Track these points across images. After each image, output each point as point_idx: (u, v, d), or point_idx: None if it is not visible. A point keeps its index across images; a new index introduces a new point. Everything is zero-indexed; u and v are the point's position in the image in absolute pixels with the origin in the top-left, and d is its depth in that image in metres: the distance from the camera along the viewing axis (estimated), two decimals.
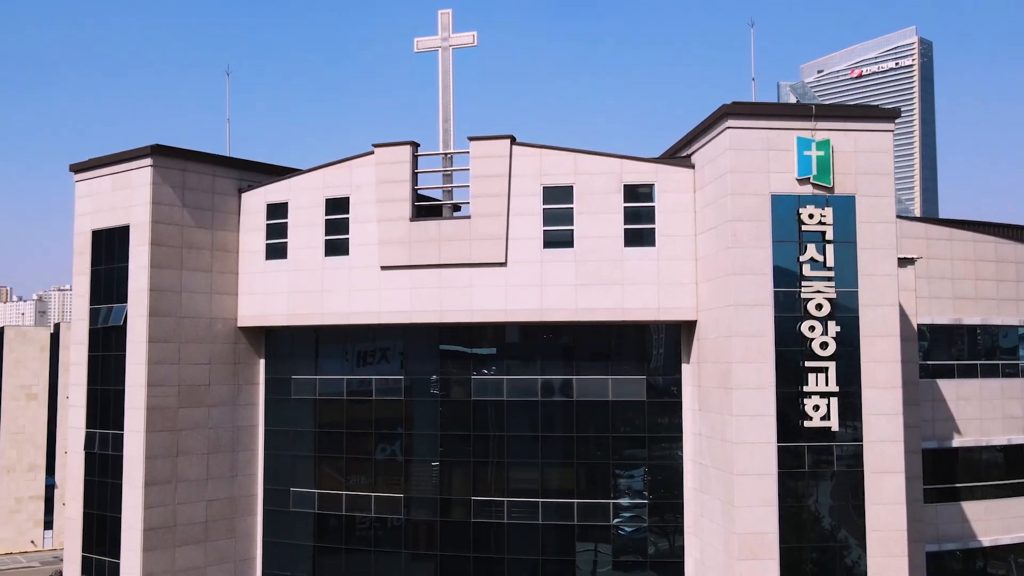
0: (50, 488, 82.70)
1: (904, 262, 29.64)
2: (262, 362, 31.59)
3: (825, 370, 23.97)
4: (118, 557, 28.69)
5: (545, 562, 28.04)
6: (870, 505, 23.89)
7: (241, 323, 30.82)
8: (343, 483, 30.04)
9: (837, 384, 23.99)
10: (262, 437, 31.40)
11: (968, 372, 33.51)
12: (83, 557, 29.86)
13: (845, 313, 24.09)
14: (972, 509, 33.02)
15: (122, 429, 28.97)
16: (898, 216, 28.50)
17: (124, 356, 29.12)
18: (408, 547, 29.27)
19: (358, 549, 29.82)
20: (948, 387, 33.06)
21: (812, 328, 24.01)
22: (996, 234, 34.68)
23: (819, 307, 24.04)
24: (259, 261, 30.67)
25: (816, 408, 23.94)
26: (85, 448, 30.08)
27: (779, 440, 23.88)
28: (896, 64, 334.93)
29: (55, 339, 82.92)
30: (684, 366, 27.85)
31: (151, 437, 28.49)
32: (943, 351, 33.32)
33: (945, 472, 32.92)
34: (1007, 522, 33.50)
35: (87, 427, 30.13)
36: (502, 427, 28.86)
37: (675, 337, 28.08)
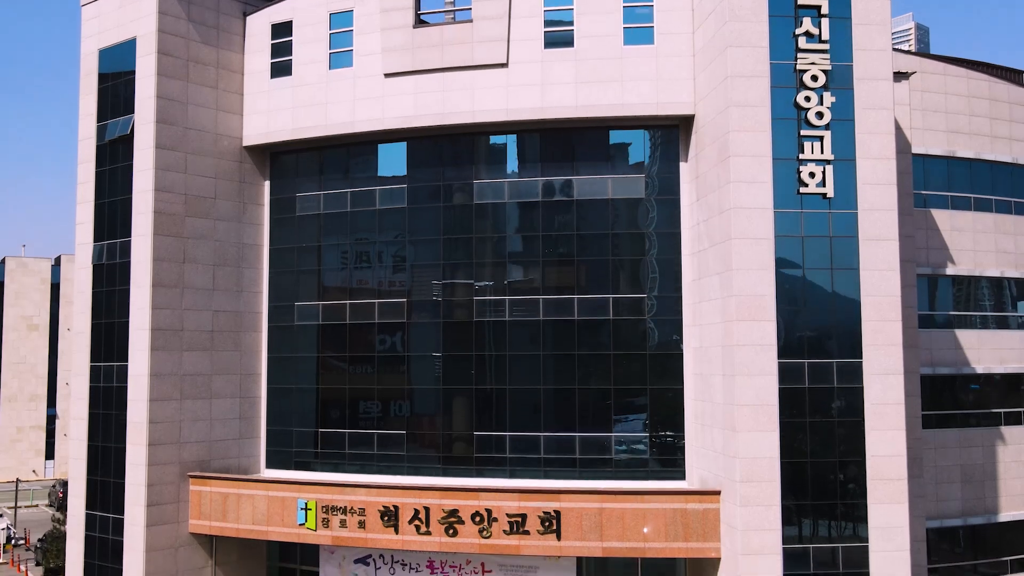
0: (51, 418, 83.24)
1: (899, 76, 30.16)
2: (267, 184, 32.06)
3: (821, 139, 24.46)
4: (126, 360, 29.17)
5: (545, 358, 28.50)
6: (864, 271, 24.37)
7: (246, 142, 31.29)
8: (347, 294, 30.51)
9: (833, 153, 24.50)
10: (267, 256, 31.87)
11: (962, 204, 34.02)
12: (91, 367, 30.32)
13: (840, 85, 24.59)
14: (965, 337, 33.54)
15: (129, 236, 29.43)
16: (893, 48, 28.94)
17: (131, 166, 29.56)
18: (412, 350, 29.75)
19: (362, 356, 30.29)
20: (942, 217, 33.56)
21: (808, 99, 24.48)
22: (990, 74, 35.17)
23: (814, 78, 24.52)
24: (264, 81, 31.13)
25: (812, 175, 24.43)
26: (93, 261, 30.53)
27: (776, 206, 24.38)
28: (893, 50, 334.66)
29: (56, 271, 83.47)
30: (682, 164, 28.36)
31: (158, 241, 28.97)
32: (937, 182, 33.80)
33: (939, 299, 33.44)
34: (1000, 353, 34.01)
35: (95, 240, 30.57)
36: (503, 228, 29.37)
37: (673, 142, 28.56)
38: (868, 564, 23.74)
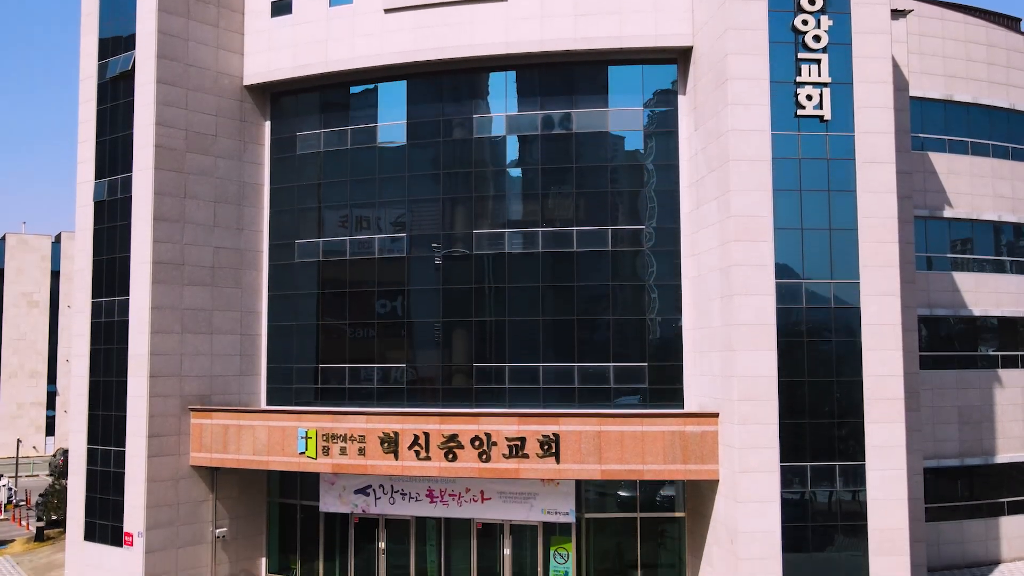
0: (51, 395, 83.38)
1: (897, 14, 30.26)
2: (267, 125, 32.20)
3: (818, 62, 24.63)
4: (127, 294, 29.31)
5: (544, 290, 28.66)
6: (861, 193, 24.54)
7: (247, 81, 31.42)
8: (347, 230, 30.66)
9: (830, 76, 24.65)
10: (267, 196, 32.01)
11: (959, 148, 34.15)
12: (92, 303, 30.46)
13: (837, 9, 24.73)
14: (963, 280, 33.68)
15: (131, 171, 29.56)
16: None
17: (132, 103, 29.67)
18: (413, 283, 29.92)
19: (362, 291, 30.44)
20: (939, 160, 33.70)
21: (805, 22, 24.63)
22: (988, 20, 35.31)
23: (812, 2, 24.66)
24: (264, 19, 31.25)
25: (809, 98, 24.59)
26: (94, 198, 30.67)
27: (773, 129, 24.54)
28: None
29: (56, 248, 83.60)
30: (680, 98, 28.53)
31: (159, 175, 29.09)
32: (935, 126, 33.94)
33: (936, 241, 33.58)
34: (997, 296, 34.16)
35: (96, 178, 30.70)
36: (502, 162, 29.54)
37: (671, 76, 28.70)
38: (865, 482, 23.91)
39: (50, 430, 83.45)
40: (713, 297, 25.63)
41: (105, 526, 29.36)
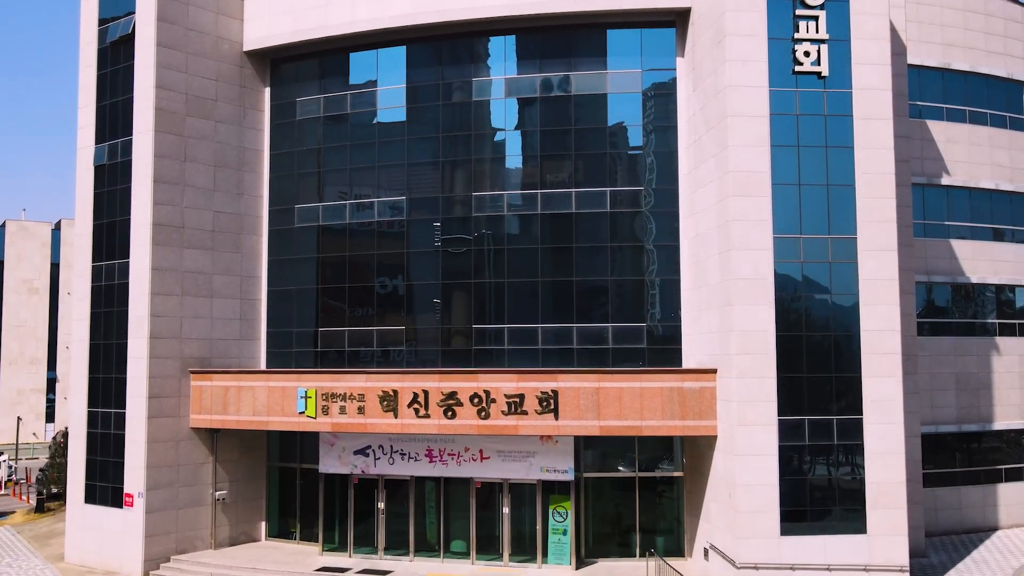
0: (51, 381, 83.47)
1: None
2: (267, 91, 32.30)
3: (816, 18, 24.71)
4: (127, 256, 29.41)
5: (544, 251, 28.75)
6: (858, 149, 24.61)
7: (247, 47, 31.52)
8: (347, 195, 30.75)
9: (827, 32, 24.73)
10: (267, 162, 32.10)
11: (957, 116, 34.25)
12: (93, 267, 30.56)
13: None
14: (960, 248, 33.78)
15: (131, 135, 29.65)
16: None
17: (132, 66, 29.76)
18: (412, 246, 30.03)
19: (362, 254, 30.54)
20: (937, 128, 33.80)
21: None
22: None
23: None
24: None
25: (807, 54, 24.68)
26: (94, 163, 30.77)
27: (771, 85, 24.62)
28: None
29: (56, 235, 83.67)
30: (679, 60, 28.64)
31: (159, 138, 29.18)
32: (933, 94, 34.03)
33: (933, 208, 33.68)
34: (995, 264, 34.26)
35: (96, 143, 30.80)
36: (501, 125, 29.63)
37: (670, 38, 28.79)
38: (862, 436, 24.01)
39: (50, 416, 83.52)
40: (711, 254, 25.72)
41: (106, 488, 29.46)
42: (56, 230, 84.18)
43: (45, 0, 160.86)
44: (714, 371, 25.33)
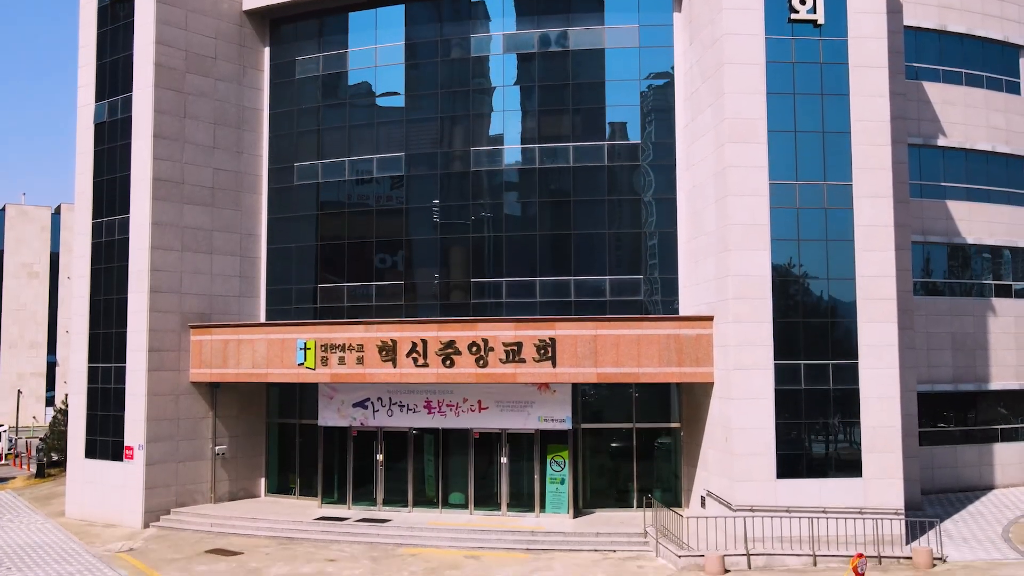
0: (51, 365, 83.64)
1: None
2: (267, 51, 32.46)
3: None
4: (128, 212, 29.56)
5: (542, 204, 28.91)
6: (854, 96, 24.78)
7: (246, 6, 31.71)
8: (346, 151, 30.89)
9: None
10: (267, 121, 32.27)
11: (953, 79, 34.38)
12: (93, 224, 30.70)
13: None
14: (956, 208, 33.93)
15: (131, 91, 29.80)
16: None
17: (132, 24, 29.91)
18: (411, 202, 30.16)
19: (361, 210, 30.71)
20: (933, 90, 33.92)
21: None
22: None
23: None
24: None
25: (803, 2, 24.85)
26: (94, 120, 30.91)
27: (767, 33, 24.81)
28: None
29: (56, 219, 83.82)
30: (676, 15, 28.84)
31: (159, 93, 29.34)
32: (929, 56, 34.17)
33: (930, 169, 33.82)
34: (990, 226, 34.41)
35: (96, 100, 30.94)
36: (499, 80, 29.79)
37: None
38: (858, 380, 24.19)
39: (49, 400, 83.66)
40: (709, 203, 25.88)
41: (106, 442, 29.61)
42: (56, 214, 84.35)
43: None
44: (711, 318, 25.50)
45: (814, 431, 24.26)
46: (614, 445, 28.72)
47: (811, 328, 24.34)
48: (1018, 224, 34.72)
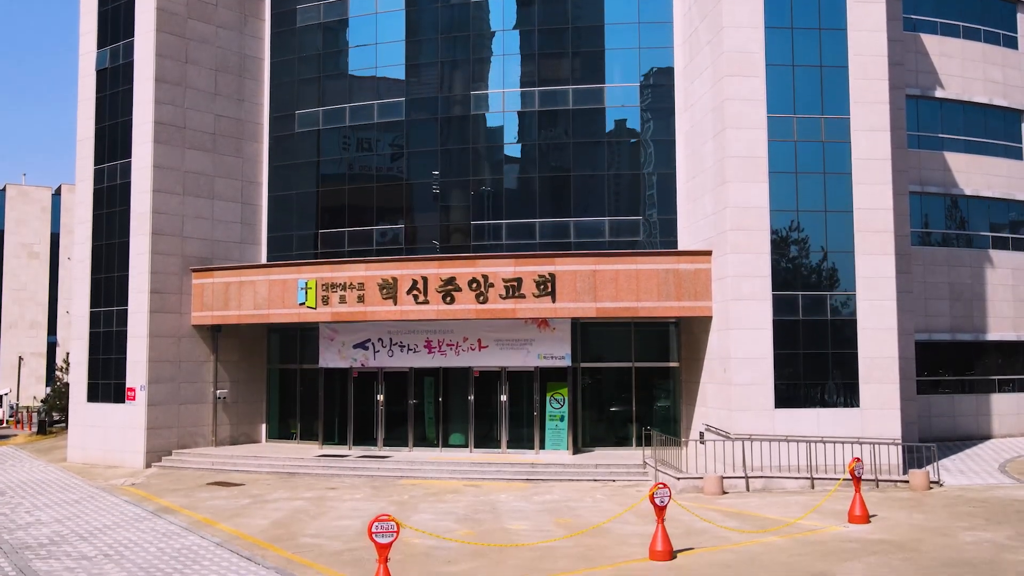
0: (52, 346, 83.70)
1: None
2: (267, 1, 32.61)
3: None
4: (129, 156, 29.72)
5: (541, 147, 29.06)
6: (852, 31, 24.87)
7: None
8: (347, 97, 31.05)
9: None
10: (267, 71, 32.43)
11: (951, 31, 34.55)
12: (95, 170, 30.87)
13: None
14: (954, 160, 34.09)
15: (132, 36, 29.97)
16: None
17: None
18: (412, 146, 30.32)
19: (362, 154, 30.84)
20: (931, 42, 34.09)
21: None
22: None
23: None
24: None
25: None
26: (96, 67, 31.08)
27: None
28: None
29: (56, 200, 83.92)
30: None
31: (161, 38, 29.50)
32: (926, 7, 34.33)
33: (927, 121, 34.00)
34: (988, 178, 34.59)
35: (98, 48, 31.11)
36: (499, 24, 29.96)
37: None
38: (856, 312, 24.33)
39: (50, 380, 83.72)
40: (707, 139, 26.04)
41: (108, 385, 29.77)
42: (56, 195, 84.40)
43: None
44: (709, 253, 25.66)
45: (812, 361, 24.40)
46: (613, 385, 28.88)
47: (809, 260, 24.49)
48: (1016, 177, 34.90)
